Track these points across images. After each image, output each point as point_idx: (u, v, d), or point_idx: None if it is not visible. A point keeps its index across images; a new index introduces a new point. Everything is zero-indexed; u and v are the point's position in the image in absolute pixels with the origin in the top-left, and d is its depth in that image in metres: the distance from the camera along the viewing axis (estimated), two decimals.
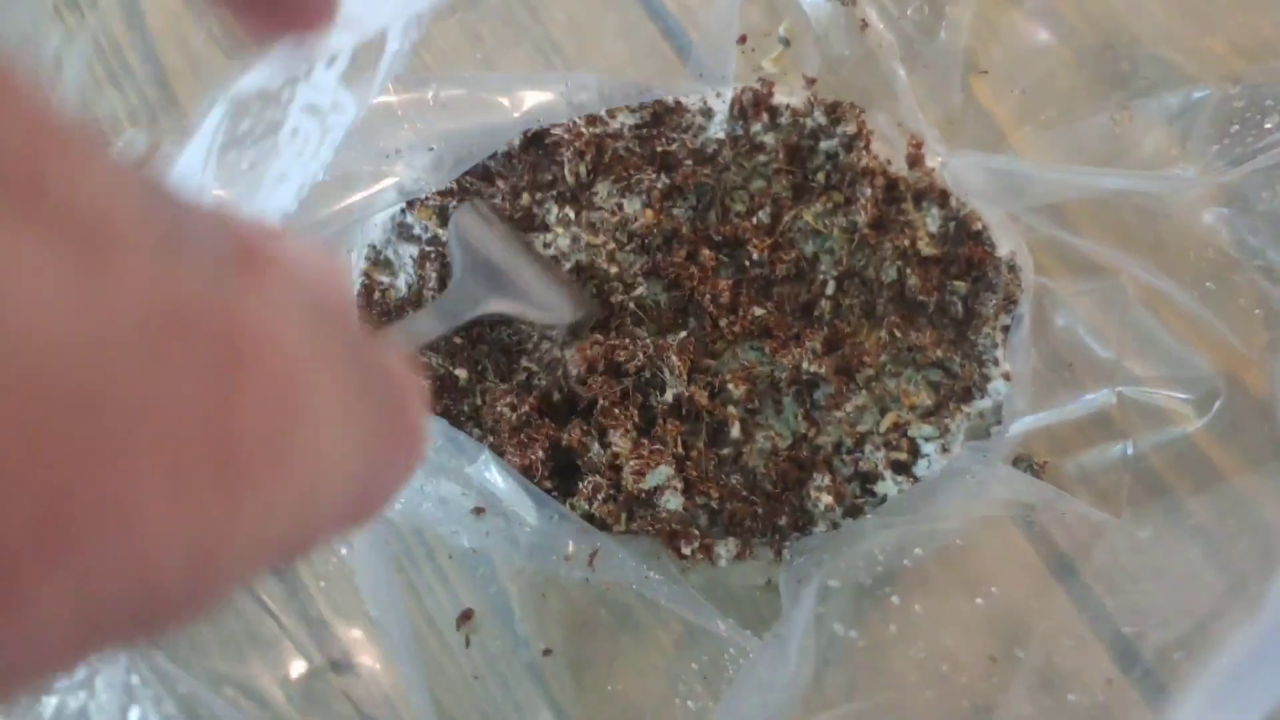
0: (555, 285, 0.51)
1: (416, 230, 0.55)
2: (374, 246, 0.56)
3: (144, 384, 0.11)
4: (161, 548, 0.12)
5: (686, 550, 0.47)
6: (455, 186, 0.56)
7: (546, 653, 0.45)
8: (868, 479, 0.50)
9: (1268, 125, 0.42)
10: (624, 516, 0.47)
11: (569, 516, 0.45)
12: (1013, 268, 0.51)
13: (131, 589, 0.12)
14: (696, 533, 0.47)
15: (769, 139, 0.55)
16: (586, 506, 0.48)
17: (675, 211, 0.54)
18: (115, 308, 0.11)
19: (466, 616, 0.46)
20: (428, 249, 0.55)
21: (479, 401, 0.52)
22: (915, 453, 0.50)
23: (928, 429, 0.50)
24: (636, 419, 0.49)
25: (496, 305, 0.48)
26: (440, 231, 0.55)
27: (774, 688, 0.36)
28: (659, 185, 0.54)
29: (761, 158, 0.55)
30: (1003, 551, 0.44)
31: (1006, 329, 0.51)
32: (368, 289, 0.55)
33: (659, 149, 0.55)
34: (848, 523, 0.50)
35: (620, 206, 0.55)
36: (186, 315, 0.12)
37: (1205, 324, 0.43)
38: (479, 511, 0.46)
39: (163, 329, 0.12)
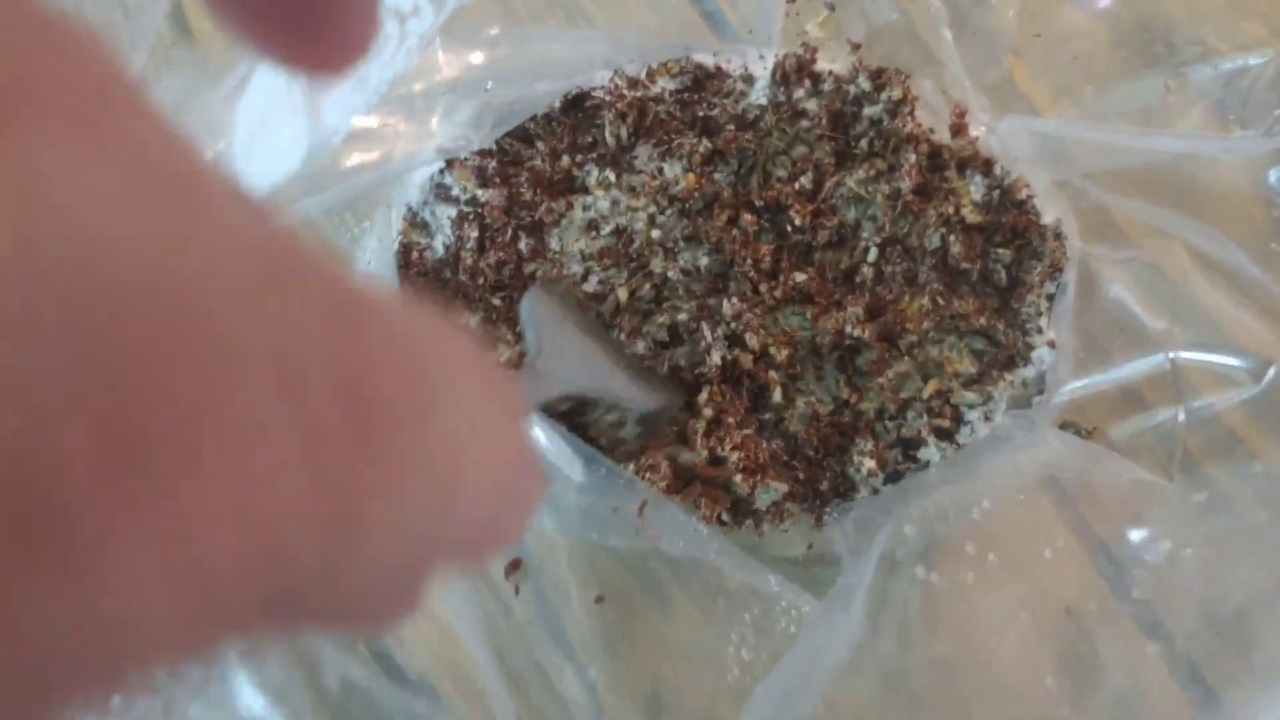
0: (633, 373, 0.46)
1: (455, 191, 0.55)
2: (410, 207, 0.55)
3: (259, 322, 0.10)
4: (289, 500, 0.10)
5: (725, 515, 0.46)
6: (495, 148, 0.55)
7: (599, 599, 0.44)
8: (910, 445, 0.49)
9: None
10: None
11: (617, 471, 0.45)
12: (1058, 235, 0.51)
13: (251, 554, 0.09)
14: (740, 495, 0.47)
15: (812, 105, 0.55)
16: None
17: (716, 176, 0.54)
18: (214, 243, 0.09)
19: (515, 566, 0.46)
20: (466, 210, 0.54)
21: None
22: (958, 420, 0.50)
23: (971, 396, 0.50)
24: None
25: (575, 386, 0.43)
26: (479, 193, 0.54)
27: (837, 639, 0.35)
28: (700, 150, 0.54)
29: (804, 124, 0.54)
30: (1053, 512, 0.43)
31: (1051, 297, 0.51)
32: (405, 250, 0.54)
33: (700, 114, 0.55)
34: (888, 489, 0.49)
35: (661, 170, 0.54)
36: (294, 267, 0.10)
37: (1262, 289, 0.42)
38: None
39: (271, 275, 0.10)
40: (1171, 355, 0.44)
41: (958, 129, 0.54)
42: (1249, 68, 0.46)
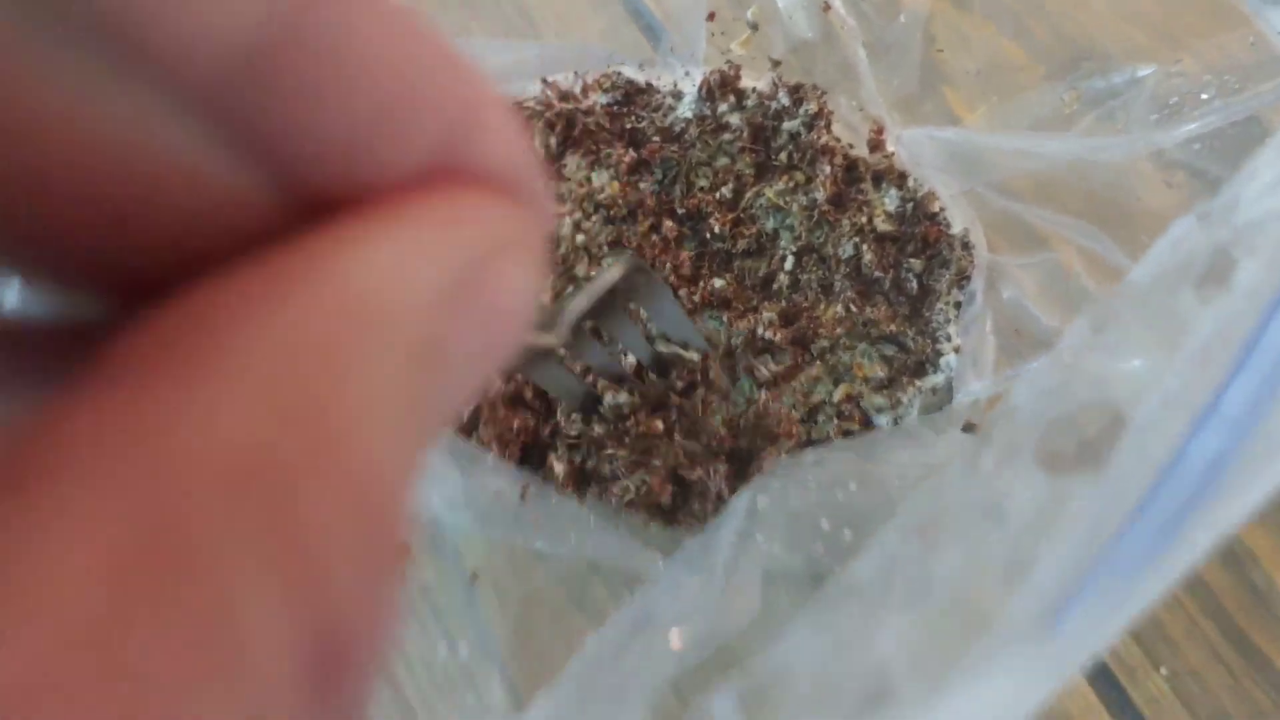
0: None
1: None
2: None
3: None
4: None
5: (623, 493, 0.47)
6: None
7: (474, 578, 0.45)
8: (818, 446, 0.51)
9: (1204, 96, 0.43)
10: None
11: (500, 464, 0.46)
12: (966, 245, 0.52)
13: None
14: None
15: (735, 119, 0.57)
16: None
17: (641, 185, 0.56)
18: None
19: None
20: None
21: None
22: (867, 424, 0.51)
23: (879, 400, 0.51)
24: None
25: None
26: None
27: (699, 605, 0.36)
28: (627, 159, 0.55)
29: (727, 136, 0.56)
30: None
31: (959, 305, 0.52)
32: None
33: (628, 125, 0.57)
34: None
35: (589, 179, 0.56)
36: None
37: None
38: None
39: None
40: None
41: (875, 144, 0.56)
42: (1137, 79, 0.47)
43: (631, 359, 0.46)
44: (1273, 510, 0.27)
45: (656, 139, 0.56)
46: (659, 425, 0.46)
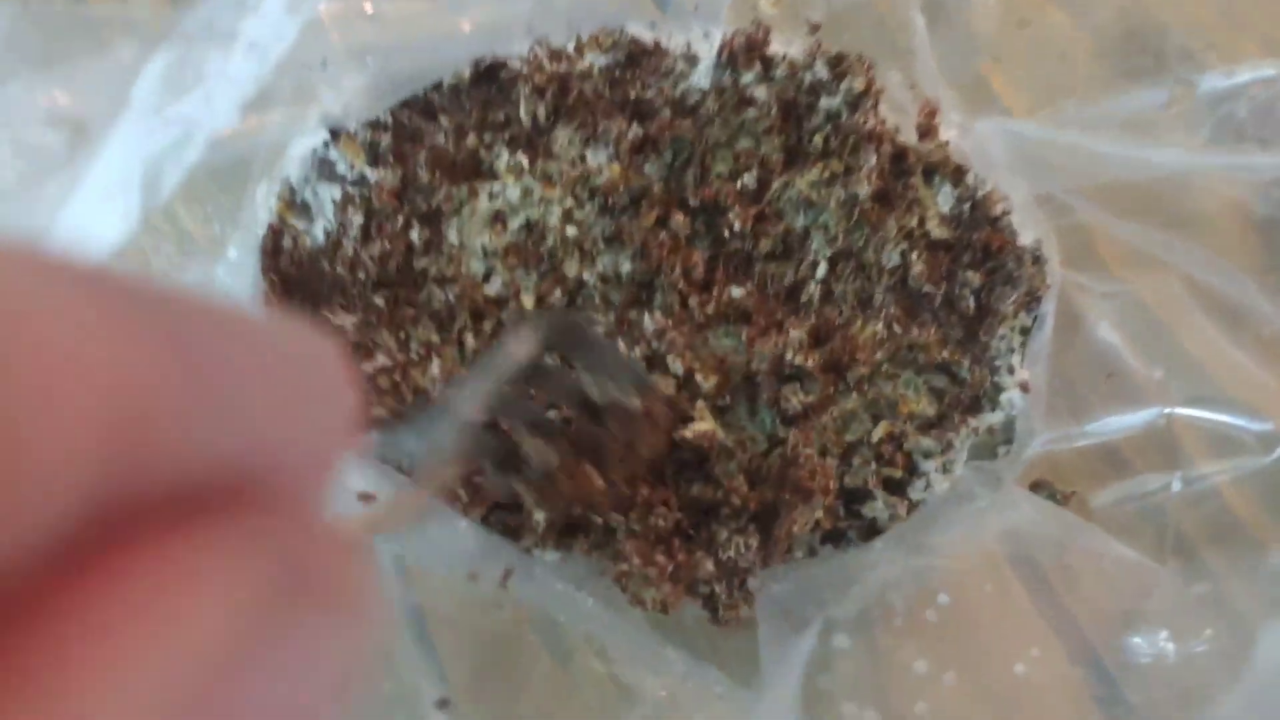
0: None
1: (341, 169, 0.47)
2: (290, 185, 0.47)
3: None
4: None
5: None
6: (390, 120, 0.47)
7: (443, 703, 0.36)
8: (854, 497, 0.42)
9: None
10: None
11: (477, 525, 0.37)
12: (1037, 258, 0.44)
13: None
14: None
15: (761, 92, 0.47)
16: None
17: (647, 168, 0.46)
18: None
19: None
20: (351, 191, 0.46)
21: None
22: (911, 470, 0.43)
23: (927, 442, 0.43)
24: None
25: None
26: (369, 171, 0.46)
27: None
28: (630, 136, 0.46)
29: (751, 113, 0.47)
30: (1028, 605, 0.36)
31: (1026, 331, 0.44)
32: (275, 234, 0.46)
33: (632, 95, 0.47)
34: (827, 550, 0.42)
35: (583, 158, 0.46)
36: None
37: (1276, 334, 0.35)
38: (366, 499, 0.37)
39: None
40: (1166, 411, 0.37)
41: (926, 130, 0.47)
42: (1270, 78, 0.39)
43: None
44: None
45: (666, 112, 0.47)
46: (598, 480, 0.37)
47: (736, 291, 0.45)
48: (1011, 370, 0.43)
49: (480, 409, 0.31)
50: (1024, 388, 0.43)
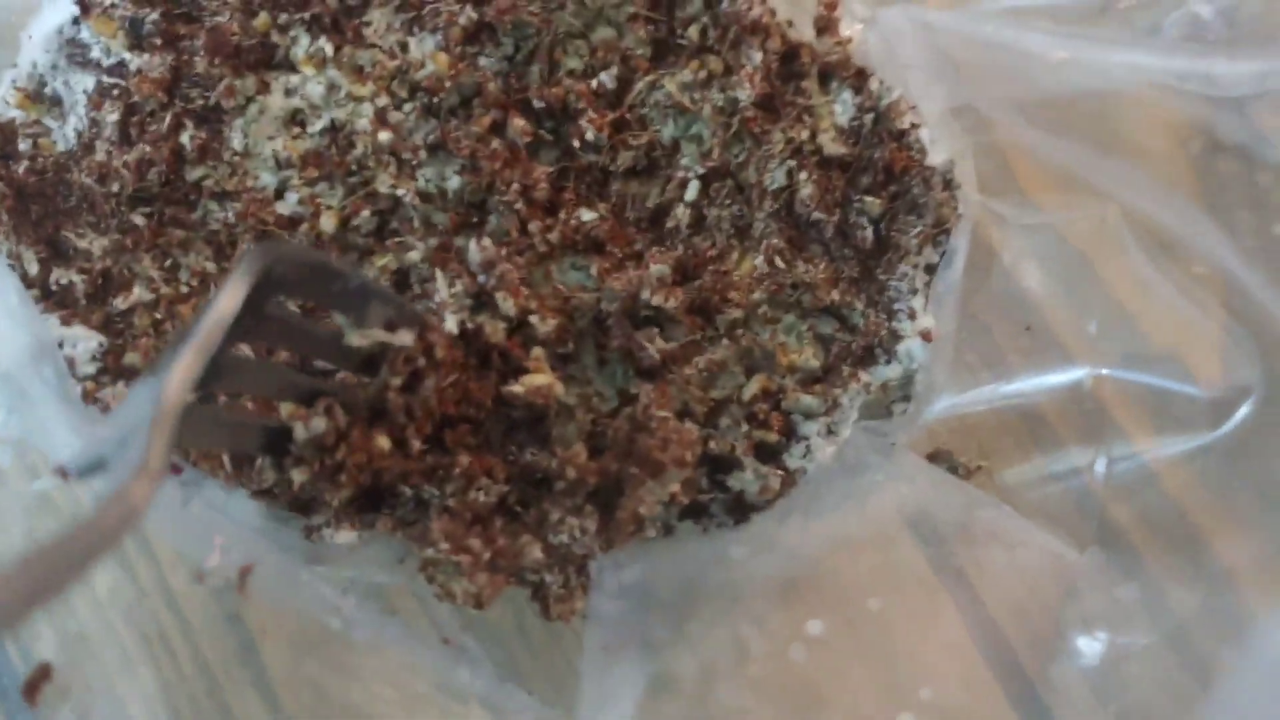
0: None
1: (95, 53, 0.37)
2: (34, 72, 0.38)
3: None
4: None
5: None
6: None
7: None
8: (718, 466, 0.35)
9: None
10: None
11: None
12: (948, 182, 0.36)
13: None
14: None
15: None
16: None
17: (482, 62, 0.38)
18: None
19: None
20: (108, 82, 0.37)
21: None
22: (789, 434, 0.36)
23: (810, 401, 0.36)
24: None
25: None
26: (129, 57, 0.37)
27: None
28: (461, 21, 0.37)
29: None
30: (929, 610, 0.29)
31: (932, 269, 0.36)
32: (7, 133, 0.37)
33: None
34: (686, 526, 0.35)
35: (403, 47, 0.38)
36: None
37: (1236, 282, 0.28)
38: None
39: None
40: (1094, 372, 0.30)
41: (825, 24, 0.39)
42: None
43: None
44: None
45: None
46: (384, 442, 0.30)
47: (588, 216, 0.37)
48: (913, 315, 0.36)
49: (191, 386, 0.23)
50: (926, 337, 0.35)
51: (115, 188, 0.36)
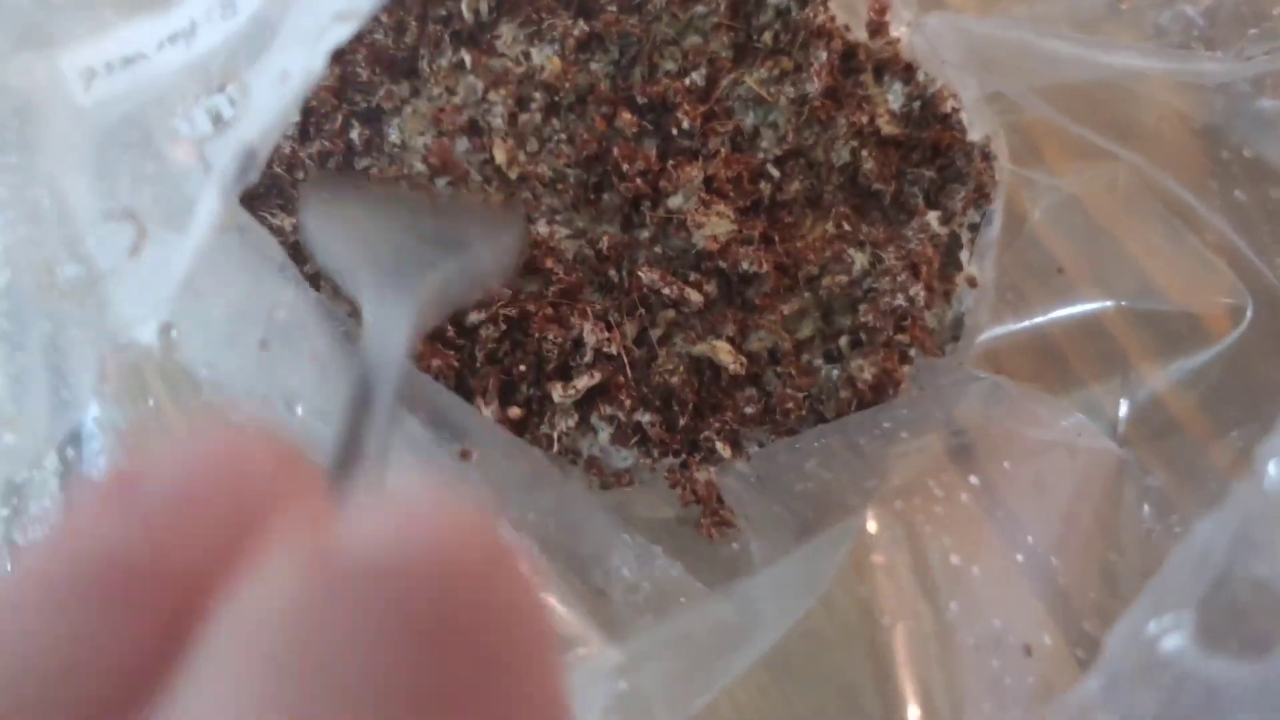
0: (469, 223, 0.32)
1: None
2: None
3: None
4: None
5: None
6: None
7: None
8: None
9: None
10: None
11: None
12: (986, 155, 0.44)
13: None
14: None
15: None
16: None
17: (593, 66, 0.45)
18: None
19: None
20: None
21: None
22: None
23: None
24: None
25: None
26: None
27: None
28: (575, 33, 0.45)
29: (699, 9, 0.46)
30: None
31: (975, 227, 0.44)
32: None
33: None
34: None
35: (527, 55, 0.45)
36: None
37: (1221, 237, 0.35)
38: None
39: None
40: (1106, 305, 0.37)
41: (876, 27, 0.46)
42: None
43: None
44: None
45: (613, 8, 0.46)
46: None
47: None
48: (960, 266, 0.43)
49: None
50: (972, 283, 0.43)
51: (300, 176, 0.43)
